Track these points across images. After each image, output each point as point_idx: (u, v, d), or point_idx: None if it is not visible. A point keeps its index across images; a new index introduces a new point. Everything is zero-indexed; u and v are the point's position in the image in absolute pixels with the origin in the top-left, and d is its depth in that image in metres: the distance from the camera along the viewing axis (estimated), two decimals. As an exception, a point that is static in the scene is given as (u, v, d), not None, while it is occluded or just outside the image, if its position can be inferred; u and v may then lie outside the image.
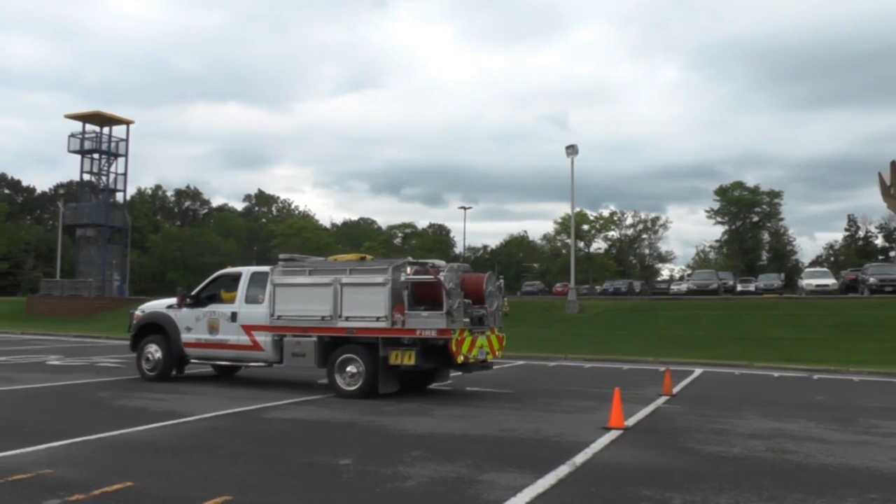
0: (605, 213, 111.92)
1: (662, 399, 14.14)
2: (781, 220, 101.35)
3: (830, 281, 45.31)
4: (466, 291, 13.74)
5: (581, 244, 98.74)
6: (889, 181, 77.46)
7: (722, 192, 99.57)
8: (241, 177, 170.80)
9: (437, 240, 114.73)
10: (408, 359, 13.20)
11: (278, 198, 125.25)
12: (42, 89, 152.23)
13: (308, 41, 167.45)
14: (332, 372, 13.87)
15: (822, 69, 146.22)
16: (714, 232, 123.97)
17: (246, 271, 15.68)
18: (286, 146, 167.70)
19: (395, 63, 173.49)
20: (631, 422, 11.12)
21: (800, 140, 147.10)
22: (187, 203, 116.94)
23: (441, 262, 14.76)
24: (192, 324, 15.65)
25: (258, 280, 15.20)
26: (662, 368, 19.45)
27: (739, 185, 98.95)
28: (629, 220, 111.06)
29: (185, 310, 15.83)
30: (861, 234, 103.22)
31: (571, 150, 41.45)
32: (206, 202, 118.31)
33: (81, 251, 57.69)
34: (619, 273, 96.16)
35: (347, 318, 13.76)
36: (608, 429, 10.37)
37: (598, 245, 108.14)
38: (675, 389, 15.47)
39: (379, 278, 13.56)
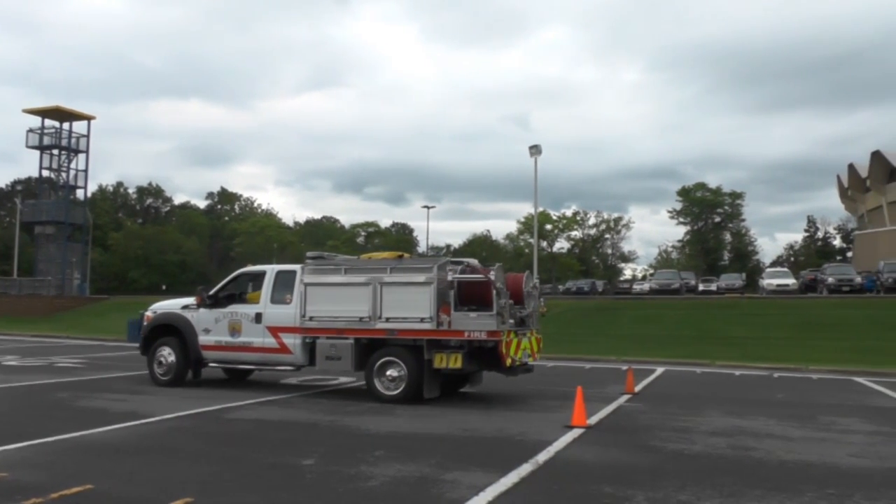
0: (568, 213, 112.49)
1: (625, 398, 14.24)
2: (743, 220, 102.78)
3: (790, 281, 45.95)
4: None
5: (544, 244, 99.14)
6: (847, 183, 79.04)
7: (684, 193, 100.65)
8: (203, 174, 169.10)
9: (400, 239, 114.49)
10: (454, 362, 12.61)
11: (241, 196, 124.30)
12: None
13: (271, 38, 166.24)
14: (370, 376, 13.22)
15: (783, 73, 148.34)
16: (676, 232, 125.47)
17: (270, 270, 14.86)
18: (249, 144, 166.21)
19: (359, 62, 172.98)
20: (593, 420, 11.20)
21: (760, 142, 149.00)
22: (149, 200, 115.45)
23: (474, 261, 14.35)
24: (211, 325, 14.81)
25: (284, 279, 14.45)
26: (625, 367, 19.57)
27: (702, 186, 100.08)
28: (592, 220, 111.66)
29: (202, 310, 14.97)
30: (820, 234, 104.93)
31: (535, 150, 41.60)
32: (169, 200, 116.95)
33: (40, 249, 56.91)
34: (582, 272, 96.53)
35: (388, 320, 13.11)
36: (571, 427, 10.42)
37: (561, 245, 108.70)
38: (638, 388, 15.59)
39: (423, 277, 12.96)
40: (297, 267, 14.42)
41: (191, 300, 15.37)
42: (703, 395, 15.46)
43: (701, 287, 52.65)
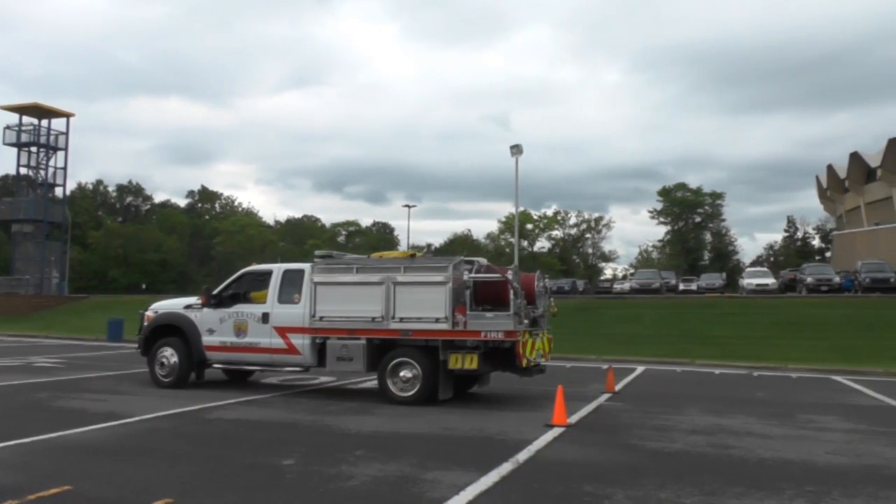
0: (549, 212, 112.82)
1: (605, 396, 14.29)
2: (723, 220, 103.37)
3: (770, 280, 46.25)
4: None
5: (525, 243, 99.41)
6: (826, 184, 79.71)
7: (665, 193, 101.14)
8: (184, 173, 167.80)
9: (381, 238, 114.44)
10: (469, 362, 12.40)
11: (222, 194, 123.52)
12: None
13: (251, 36, 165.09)
14: (383, 377, 12.98)
15: (762, 74, 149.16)
16: (657, 232, 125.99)
17: (277, 269, 14.49)
18: (229, 142, 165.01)
19: (339, 60, 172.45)
20: (574, 419, 11.23)
21: (740, 143, 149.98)
22: (129, 199, 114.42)
23: (484, 260, 14.21)
24: (216, 325, 14.47)
25: (292, 278, 14.14)
26: (605, 366, 19.65)
27: (682, 186, 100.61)
28: (573, 220, 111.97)
29: (206, 310, 14.62)
30: (799, 235, 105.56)
31: (516, 149, 41.60)
32: (149, 198, 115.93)
33: (18, 247, 56.43)
34: (563, 272, 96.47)
35: (402, 320, 12.87)
36: (551, 426, 10.45)
37: (542, 244, 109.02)
38: (618, 387, 15.65)
39: (439, 277, 12.74)
40: (305, 266, 14.15)
41: (193, 300, 15.07)
42: (683, 393, 15.53)
43: (681, 286, 52.86)
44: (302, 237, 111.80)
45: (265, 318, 14.06)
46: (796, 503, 6.69)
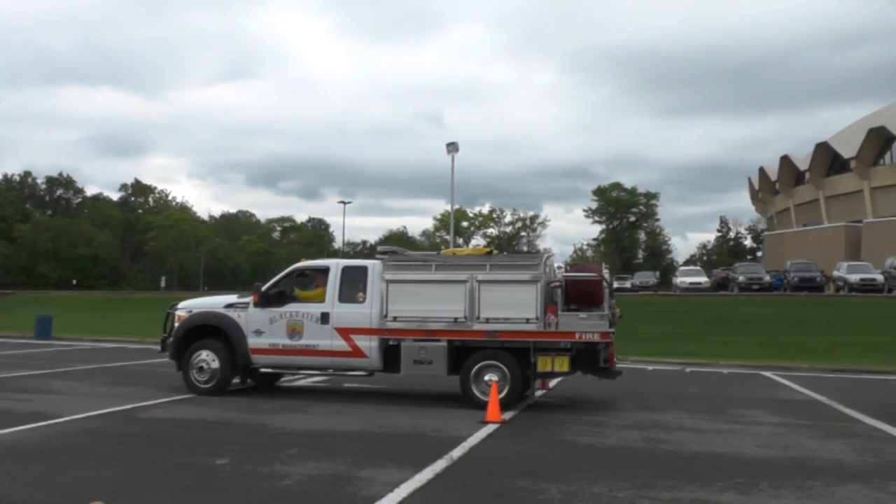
0: (484, 210, 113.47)
1: (539, 393, 14.39)
2: (657, 220, 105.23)
3: (703, 279, 47.29)
4: None
5: (461, 240, 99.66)
6: (758, 186, 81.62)
7: (600, 193, 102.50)
8: (115, 165, 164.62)
9: (316, 234, 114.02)
10: (560, 365, 11.98)
11: (155, 188, 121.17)
12: None
13: (183, 27, 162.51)
14: (466, 381, 12.24)
15: (693, 78, 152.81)
16: (591, 230, 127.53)
17: (335, 265, 13.49)
18: (161, 135, 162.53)
19: (273, 54, 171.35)
20: (508, 416, 11.28)
21: (672, 144, 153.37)
22: (59, 191, 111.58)
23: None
24: (265, 326, 13.24)
25: (354, 275, 13.21)
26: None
27: (618, 185, 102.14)
28: (508, 218, 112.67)
29: (252, 309, 13.39)
30: (732, 234, 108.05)
31: (452, 147, 41.66)
32: (80, 191, 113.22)
33: (-60, 242, 54.62)
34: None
35: (487, 321, 12.21)
36: (486, 423, 10.49)
37: (478, 242, 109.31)
38: (552, 383, 15.77)
39: (529, 275, 12.20)
40: (368, 262, 13.42)
41: (233, 298, 14.05)
42: (617, 390, 15.70)
43: (615, 285, 53.45)
44: (236, 233, 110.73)
45: (324, 318, 13.03)
46: (727, 495, 6.85)
